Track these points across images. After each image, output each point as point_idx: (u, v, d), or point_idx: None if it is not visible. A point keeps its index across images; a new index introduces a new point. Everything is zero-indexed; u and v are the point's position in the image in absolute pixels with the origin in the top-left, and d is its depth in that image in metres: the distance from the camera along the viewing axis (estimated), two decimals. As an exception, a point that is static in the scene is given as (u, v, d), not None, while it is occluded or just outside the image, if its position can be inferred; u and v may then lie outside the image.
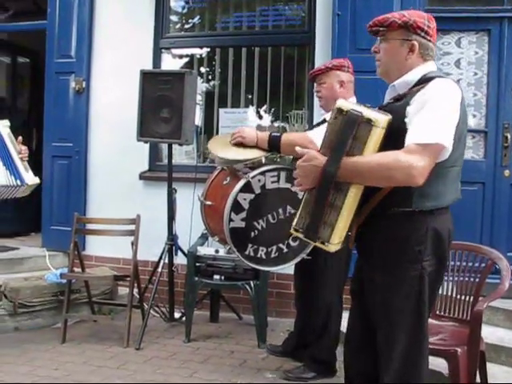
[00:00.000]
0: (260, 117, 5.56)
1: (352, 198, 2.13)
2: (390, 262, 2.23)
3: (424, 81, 2.24)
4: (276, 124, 5.51)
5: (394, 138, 2.11)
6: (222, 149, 3.58)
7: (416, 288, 2.20)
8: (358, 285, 2.45)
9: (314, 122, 4.75)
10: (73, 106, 5.74)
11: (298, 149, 2.24)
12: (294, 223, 2.27)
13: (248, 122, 5.37)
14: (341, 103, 2.18)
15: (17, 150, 3.99)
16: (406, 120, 2.14)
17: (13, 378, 3.70)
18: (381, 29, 2.33)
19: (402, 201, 2.18)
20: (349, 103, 2.23)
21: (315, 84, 3.77)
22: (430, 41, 2.34)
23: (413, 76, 2.30)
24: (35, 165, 6.03)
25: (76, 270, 4.76)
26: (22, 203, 6.65)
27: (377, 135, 2.10)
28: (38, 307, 4.79)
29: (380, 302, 2.27)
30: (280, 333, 4.65)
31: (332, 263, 3.59)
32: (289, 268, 3.78)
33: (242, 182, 3.44)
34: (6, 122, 4.19)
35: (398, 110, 2.19)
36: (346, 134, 2.10)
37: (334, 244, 2.15)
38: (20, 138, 4.01)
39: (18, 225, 6.75)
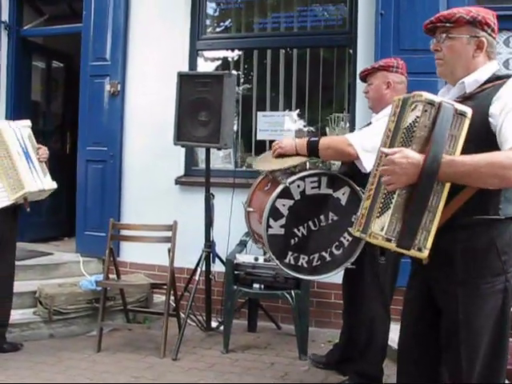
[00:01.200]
0: (299, 120, 5.40)
1: (444, 199, 1.97)
2: (472, 275, 2.06)
3: (494, 79, 2.11)
4: (315, 127, 5.35)
5: (476, 135, 1.98)
6: (266, 164, 3.50)
7: (499, 302, 2.05)
8: (417, 294, 2.29)
9: (356, 125, 4.61)
10: (107, 110, 5.66)
11: (383, 149, 2.04)
12: (373, 231, 2.03)
13: (287, 125, 5.23)
14: (428, 95, 2.00)
15: (35, 152, 4.12)
16: (491, 120, 2.00)
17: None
18: (447, 25, 2.18)
19: (489, 207, 2.03)
20: (433, 95, 2.04)
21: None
22: (494, 38, 2.21)
23: (483, 74, 2.16)
24: (69, 169, 6.04)
25: (111, 276, 4.68)
26: (55, 207, 6.67)
27: (465, 129, 1.97)
28: (73, 314, 4.71)
29: (458, 319, 2.09)
30: (321, 344, 4.50)
31: (378, 273, 3.42)
32: (332, 276, 3.61)
33: (279, 188, 3.29)
34: (27, 123, 4.24)
35: (476, 108, 2.03)
36: (443, 127, 1.94)
37: (428, 249, 1.97)
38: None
39: (51, 229, 6.74)
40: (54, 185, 4.26)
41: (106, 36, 5.62)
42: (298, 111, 5.39)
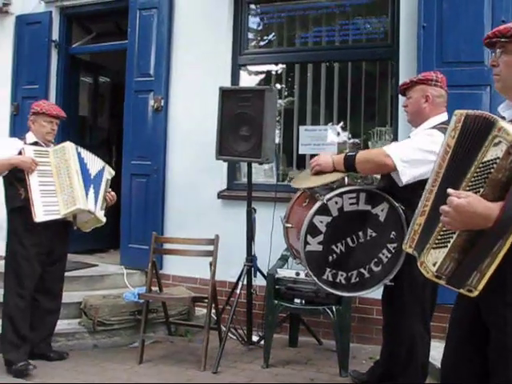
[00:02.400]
0: (341, 134, 5.39)
1: (508, 246, 1.82)
2: None
3: None
4: (358, 141, 5.32)
5: None
6: (304, 181, 3.51)
7: None
8: (465, 314, 2.22)
9: (399, 138, 4.57)
10: (151, 124, 5.77)
11: (450, 191, 1.88)
12: (426, 263, 1.95)
13: (329, 139, 5.22)
14: None
15: (106, 190, 4.44)
16: None
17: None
18: (502, 40, 2.11)
19: None
20: None
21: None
22: None
23: None
24: (115, 183, 6.14)
25: (153, 288, 4.74)
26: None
27: None
28: (116, 326, 4.79)
29: (506, 342, 2.01)
30: (362, 360, 4.44)
31: (417, 291, 3.36)
32: (372, 292, 3.57)
33: (317, 205, 3.28)
34: (112, 172, 4.59)
35: None
36: None
37: (479, 291, 1.88)
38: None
39: (97, 241, 6.84)
40: (103, 219, 4.41)
41: (150, 52, 5.74)
42: (340, 125, 5.38)
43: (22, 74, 6.43)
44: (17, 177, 4.10)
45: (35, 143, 4.28)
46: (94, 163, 4.42)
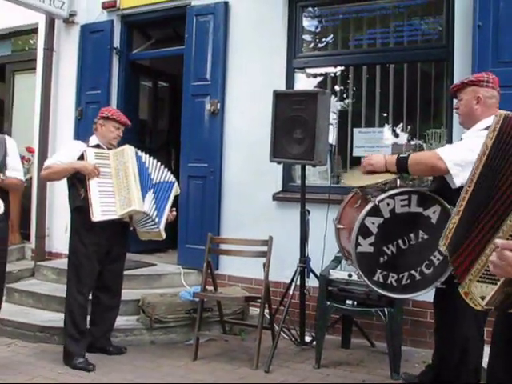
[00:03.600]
0: (396, 136, 5.36)
1: None
2: None
3: None
4: (413, 143, 5.28)
5: None
6: (355, 180, 3.52)
7: None
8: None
9: (454, 141, 4.51)
10: (208, 128, 5.90)
11: (498, 241, 1.78)
12: (473, 295, 1.92)
13: (383, 141, 5.20)
14: None
15: (169, 206, 4.54)
16: None
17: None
18: None
19: None
20: None
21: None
22: None
23: None
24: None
25: (209, 288, 4.85)
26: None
27: None
28: (172, 323, 4.93)
29: None
30: (415, 364, 4.40)
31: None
32: (426, 295, 3.55)
33: (369, 206, 3.30)
34: (178, 190, 4.73)
35: None
36: None
37: None
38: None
39: (156, 241, 6.98)
40: (163, 234, 4.52)
41: (207, 57, 5.88)
42: (394, 127, 5.35)
43: (85, 80, 6.69)
44: (78, 178, 4.30)
45: (97, 146, 4.47)
46: (159, 172, 4.54)
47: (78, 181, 4.32)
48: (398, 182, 3.46)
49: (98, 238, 4.33)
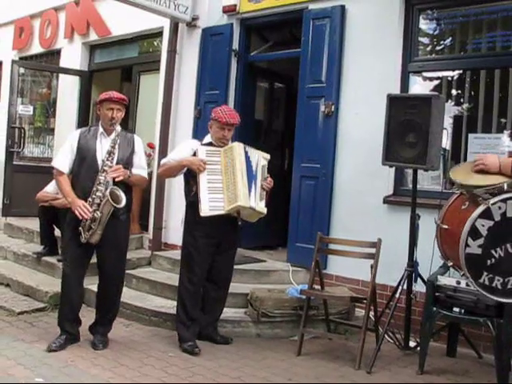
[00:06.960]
0: (512, 142, 5.17)
1: None
2: None
3: None
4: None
5: None
6: (463, 176, 3.47)
7: None
8: None
9: None
10: (322, 129, 5.98)
11: None
12: None
13: (499, 147, 5.04)
14: None
15: (263, 180, 4.62)
16: None
17: (251, 380, 4.04)
18: None
19: None
20: None
21: None
22: None
23: None
24: (287, 184, 6.46)
25: (316, 287, 4.95)
26: (272, 218, 7.14)
27: None
28: (278, 318, 5.08)
29: None
30: (526, 378, 4.25)
31: None
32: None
33: (481, 208, 3.30)
34: (267, 156, 4.78)
35: None
36: None
37: None
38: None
39: (267, 238, 7.22)
40: (264, 210, 4.66)
41: (322, 59, 5.96)
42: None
43: (205, 80, 6.99)
44: (192, 175, 4.56)
45: (209, 144, 4.70)
46: (256, 158, 4.68)
47: (191, 177, 4.58)
48: (505, 186, 3.40)
49: (208, 231, 4.57)
